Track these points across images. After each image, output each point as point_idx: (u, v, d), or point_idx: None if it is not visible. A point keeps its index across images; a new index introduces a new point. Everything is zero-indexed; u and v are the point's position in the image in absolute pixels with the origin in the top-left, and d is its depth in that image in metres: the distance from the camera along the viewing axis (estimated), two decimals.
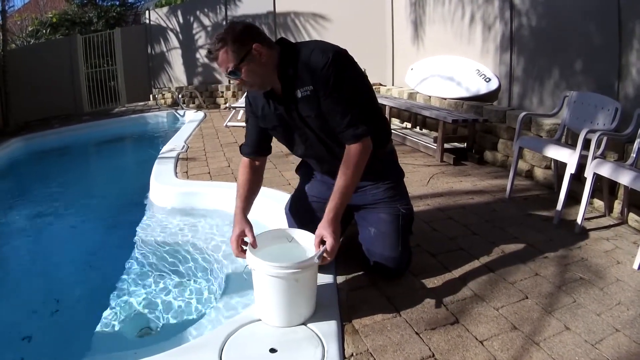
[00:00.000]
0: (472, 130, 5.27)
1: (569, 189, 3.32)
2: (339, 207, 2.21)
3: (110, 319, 2.70)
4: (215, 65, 2.23)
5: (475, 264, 2.69)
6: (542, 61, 4.77)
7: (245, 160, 2.55)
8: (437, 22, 6.78)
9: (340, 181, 2.23)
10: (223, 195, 4.01)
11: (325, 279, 2.45)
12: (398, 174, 2.66)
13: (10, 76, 10.09)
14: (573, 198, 3.50)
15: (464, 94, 5.76)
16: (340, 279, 2.51)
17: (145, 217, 4.13)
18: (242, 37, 2.14)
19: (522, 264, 2.69)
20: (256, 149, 2.54)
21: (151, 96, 12.51)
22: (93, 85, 11.75)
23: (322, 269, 2.47)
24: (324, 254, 2.11)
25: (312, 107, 2.24)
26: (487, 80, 5.54)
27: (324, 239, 2.13)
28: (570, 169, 3.30)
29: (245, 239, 2.27)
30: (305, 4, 9.62)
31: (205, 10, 11.29)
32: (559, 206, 3.33)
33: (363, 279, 2.51)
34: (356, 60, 2.36)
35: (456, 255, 2.80)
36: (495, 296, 2.34)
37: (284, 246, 2.32)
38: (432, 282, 2.47)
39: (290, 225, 2.68)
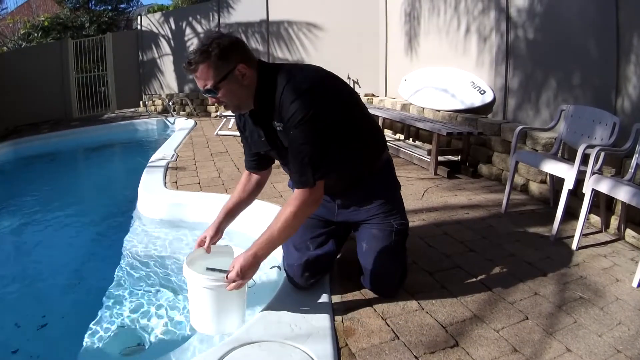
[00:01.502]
0: (466, 143, 5.22)
1: (566, 205, 3.27)
2: (260, 248, 2.09)
3: (96, 335, 2.59)
4: (191, 76, 2.13)
5: (474, 282, 2.62)
6: (538, 74, 4.74)
7: (246, 171, 2.55)
8: (432, 33, 6.76)
9: (272, 223, 2.13)
10: (213, 208, 3.89)
11: (319, 298, 2.38)
12: (394, 187, 2.58)
13: (0, 79, 9.97)
14: (569, 213, 3.45)
15: (459, 106, 5.73)
16: (336, 298, 2.43)
17: (133, 229, 4.02)
18: (228, 53, 2.01)
19: (521, 282, 2.63)
20: (254, 164, 2.50)
21: (141, 103, 12.42)
22: (83, 90, 11.64)
23: (316, 287, 2.45)
24: (227, 279, 2.06)
25: (285, 142, 2.17)
26: (482, 92, 5.50)
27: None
28: (568, 185, 3.25)
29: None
30: (299, 13, 9.60)
31: (198, 17, 11.25)
32: (556, 223, 3.27)
33: (359, 299, 2.44)
34: (348, 71, 2.27)
35: (453, 273, 2.73)
36: (495, 317, 2.28)
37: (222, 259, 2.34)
38: (430, 302, 2.40)
39: None
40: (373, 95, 8.44)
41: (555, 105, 4.43)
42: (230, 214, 2.47)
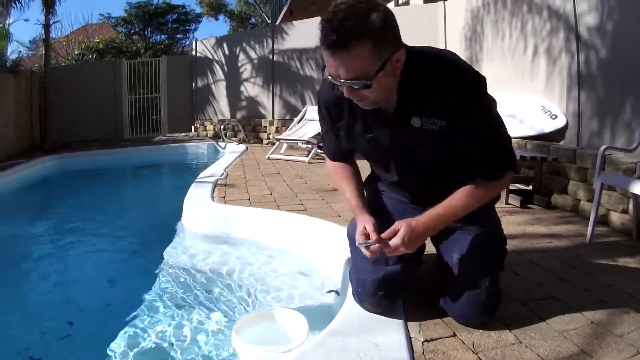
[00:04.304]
0: (538, 171, 4.78)
1: None
2: (436, 219, 1.77)
3: (125, 352, 2.29)
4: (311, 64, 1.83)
5: (573, 313, 2.21)
6: (614, 96, 4.36)
7: (336, 163, 2.15)
8: (496, 57, 6.41)
9: (458, 198, 1.80)
10: (263, 224, 3.63)
11: (393, 324, 1.98)
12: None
13: (51, 94, 10.12)
14: None
15: (528, 132, 5.31)
16: (412, 325, 2.03)
17: (175, 242, 3.78)
18: (388, 34, 1.55)
19: (625, 314, 2.21)
20: (341, 156, 2.12)
21: (192, 127, 12.42)
22: (135, 112, 11.71)
23: (389, 312, 2.06)
24: (380, 244, 1.71)
25: (433, 144, 1.79)
26: (554, 117, 5.09)
27: (397, 230, 1.71)
28: None
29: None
30: None
31: (252, 42, 11.23)
32: None
33: (441, 326, 2.04)
34: None
35: (549, 303, 2.32)
36: (604, 352, 1.87)
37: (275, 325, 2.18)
38: (528, 335, 1.99)
39: (352, 249, 2.12)
40: None
41: (632, 129, 4.04)
42: (362, 196, 2.03)
